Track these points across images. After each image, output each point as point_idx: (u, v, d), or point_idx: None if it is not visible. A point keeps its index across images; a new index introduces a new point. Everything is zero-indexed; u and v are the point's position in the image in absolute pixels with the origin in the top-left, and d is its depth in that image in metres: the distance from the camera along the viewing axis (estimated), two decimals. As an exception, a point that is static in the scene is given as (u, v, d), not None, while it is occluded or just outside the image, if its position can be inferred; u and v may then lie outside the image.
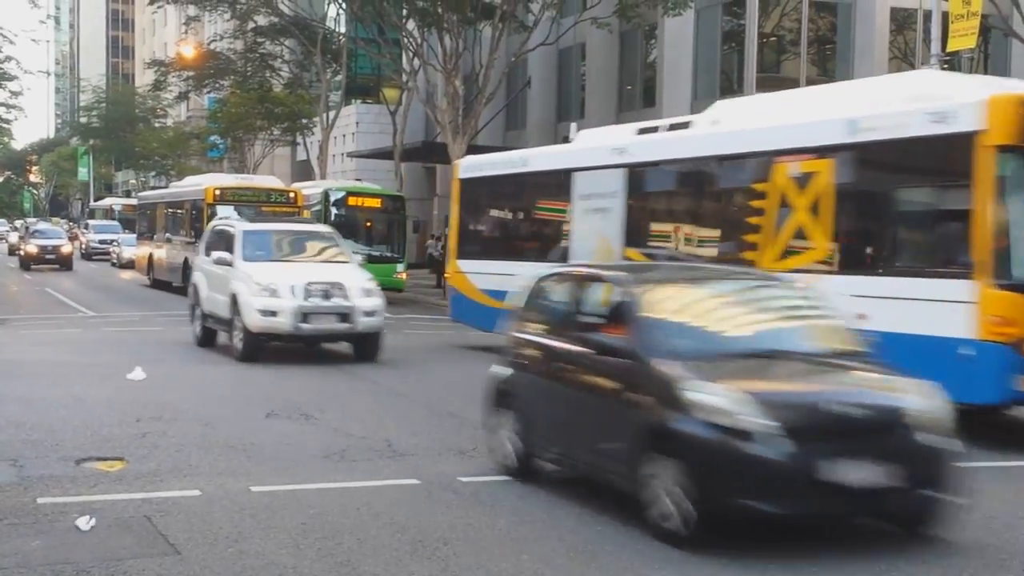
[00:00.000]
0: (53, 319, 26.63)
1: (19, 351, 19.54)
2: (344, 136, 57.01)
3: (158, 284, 36.92)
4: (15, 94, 61.40)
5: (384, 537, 7.84)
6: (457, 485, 9.44)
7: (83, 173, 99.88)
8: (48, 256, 47.11)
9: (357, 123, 57.48)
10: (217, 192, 32.84)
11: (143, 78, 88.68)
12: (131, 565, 7.09)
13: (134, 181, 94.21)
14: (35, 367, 17.10)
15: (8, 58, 58.57)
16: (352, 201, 34.85)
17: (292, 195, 33.82)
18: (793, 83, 35.92)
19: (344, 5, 45.89)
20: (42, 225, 58.31)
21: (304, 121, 53.05)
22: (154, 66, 63.48)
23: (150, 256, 38.57)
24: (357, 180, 43.37)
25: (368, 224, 35.02)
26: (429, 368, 18.52)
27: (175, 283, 34.64)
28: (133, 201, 59.45)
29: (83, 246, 59.63)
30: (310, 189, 35.88)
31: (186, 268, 33.26)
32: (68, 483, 9.22)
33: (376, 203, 35.41)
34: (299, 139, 56.37)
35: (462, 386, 16.19)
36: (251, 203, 32.38)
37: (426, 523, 8.21)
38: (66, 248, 48.14)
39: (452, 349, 22.05)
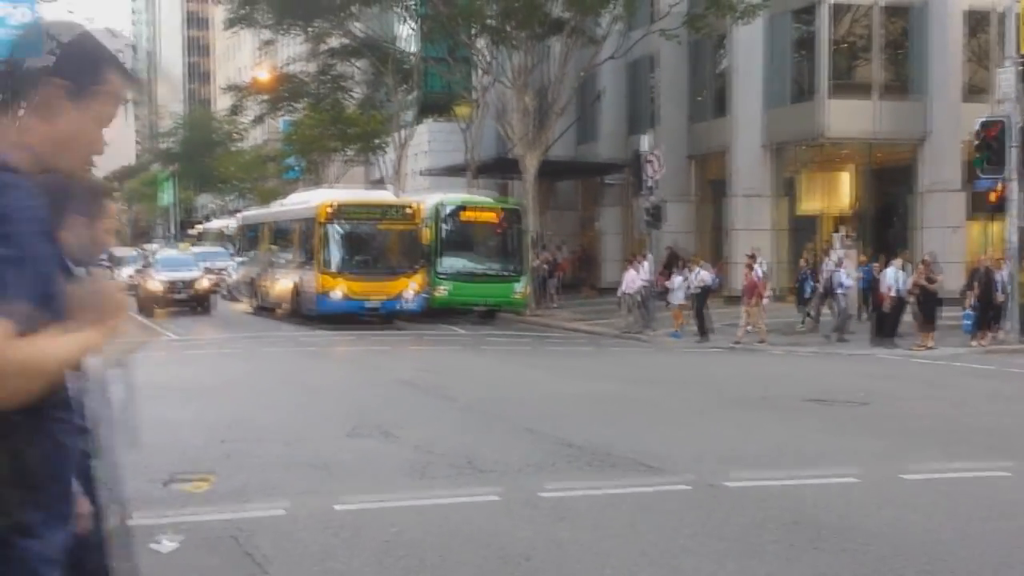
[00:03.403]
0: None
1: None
2: (417, 155, 57.40)
3: (263, 311, 35.58)
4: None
5: (466, 553, 7.86)
6: (537, 500, 9.43)
7: (164, 198, 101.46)
8: (178, 295, 35.15)
9: (429, 141, 57.88)
10: (330, 209, 30.87)
11: (221, 103, 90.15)
12: (219, 584, 7.18)
13: (214, 205, 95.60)
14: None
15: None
16: (466, 215, 33.49)
17: (410, 210, 31.71)
18: (866, 89, 35.50)
19: (415, 25, 46.26)
20: (167, 252, 42.83)
21: (377, 140, 53.45)
22: (231, 90, 64.49)
23: (253, 281, 36.71)
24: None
25: (483, 239, 33.69)
26: (506, 384, 18.56)
27: (281, 309, 33.75)
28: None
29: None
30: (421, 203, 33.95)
31: (297, 295, 32.35)
32: (156, 503, 9.36)
33: (492, 216, 34.00)
34: (373, 158, 56.82)
35: (540, 401, 16.23)
36: (367, 219, 31.19)
37: (508, 538, 8.22)
38: (203, 282, 35.70)
39: (527, 366, 22.09)
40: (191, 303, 35.00)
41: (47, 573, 2.62)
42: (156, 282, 34.82)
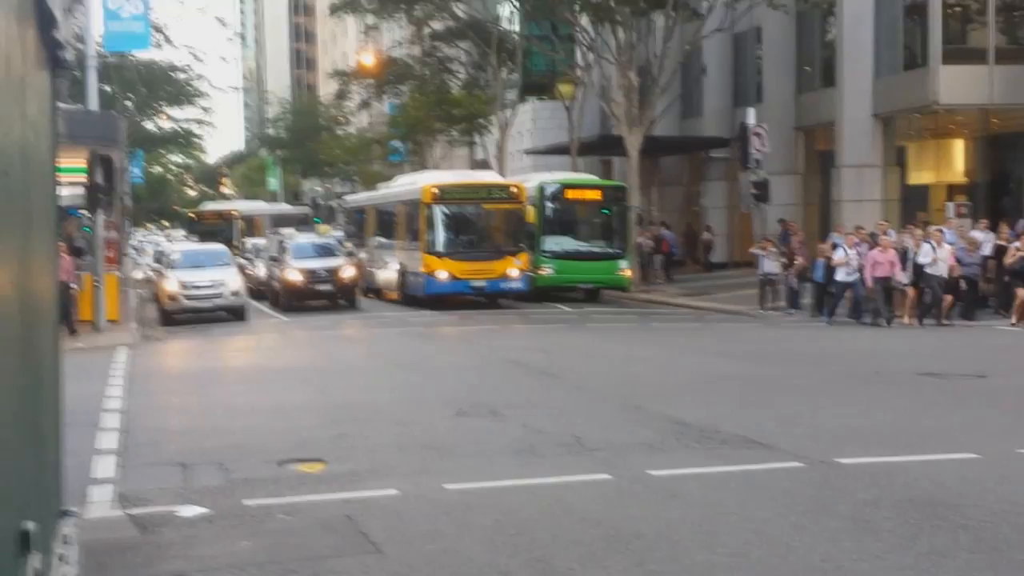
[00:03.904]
0: (251, 326, 27.68)
1: (217, 358, 20.39)
2: (521, 133, 57.45)
3: (371, 292, 35.29)
4: (206, 110, 63.99)
5: (577, 532, 7.89)
6: (647, 479, 9.42)
7: (272, 183, 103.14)
8: (322, 285, 31.58)
9: (533, 120, 57.83)
10: (435, 191, 30.98)
11: (326, 88, 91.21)
12: (335, 564, 7.31)
13: (320, 188, 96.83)
14: (236, 373, 17.82)
15: (199, 76, 61.18)
16: (570, 194, 33.60)
17: (515, 190, 31.67)
18: (980, 54, 34.55)
19: (517, 4, 46.24)
20: (305, 237, 37.00)
21: (481, 121, 53.63)
22: (336, 76, 65.27)
23: (359, 265, 34.90)
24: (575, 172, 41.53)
25: (587, 217, 33.67)
26: (612, 362, 18.54)
27: (388, 294, 33.91)
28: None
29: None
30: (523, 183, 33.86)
31: (403, 277, 32.46)
32: (272, 484, 9.56)
33: (596, 195, 34.19)
34: (476, 139, 57.05)
35: (648, 379, 16.19)
36: (471, 200, 31.43)
37: (618, 517, 8.22)
38: (347, 271, 32.01)
39: (634, 343, 21.99)
40: (334, 295, 31.78)
41: None
42: (294, 271, 31.42)
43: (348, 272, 32.04)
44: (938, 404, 13.54)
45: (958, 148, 38.26)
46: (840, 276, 25.45)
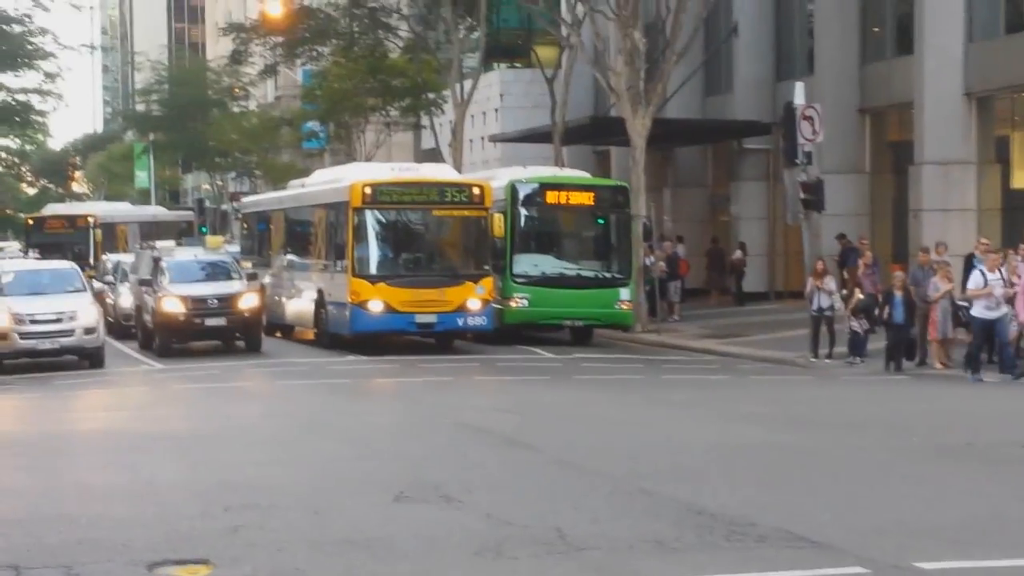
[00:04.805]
0: (109, 374, 27.53)
1: (62, 420, 20.29)
2: (484, 113, 57.66)
3: (276, 329, 35.55)
4: (51, 76, 63.47)
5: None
6: (656, 590, 9.44)
7: (141, 178, 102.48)
8: (212, 320, 31.10)
9: (502, 95, 58.03)
10: (368, 191, 30.76)
11: (216, 49, 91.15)
12: None
13: (208, 186, 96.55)
14: (86, 441, 17.74)
15: (42, 30, 60.76)
16: (551, 197, 33.52)
17: (477, 191, 31.42)
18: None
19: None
20: (190, 252, 36.52)
21: (431, 96, 53.63)
22: (231, 32, 65.14)
23: (262, 292, 34.20)
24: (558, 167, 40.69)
25: (575, 230, 33.98)
26: (608, 429, 18.56)
27: (301, 332, 33.97)
28: None
29: None
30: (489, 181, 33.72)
31: (322, 309, 32.16)
32: (139, 595, 9.50)
33: (587, 198, 34.12)
34: (424, 120, 57.04)
35: (656, 452, 16.20)
36: (418, 204, 31.39)
37: (616, 643, 8.22)
38: (249, 300, 31.56)
39: (639, 403, 22.03)
40: (229, 333, 31.84)
41: None
42: (173, 300, 30.90)
43: (249, 301, 31.57)
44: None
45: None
46: (977, 311, 25.10)
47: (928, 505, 12.56)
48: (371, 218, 30.84)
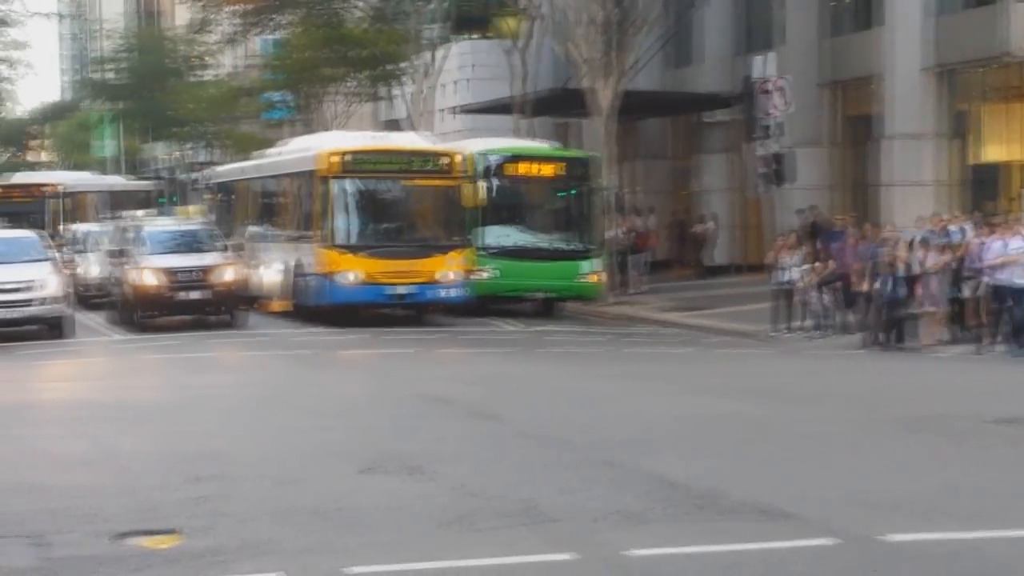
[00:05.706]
0: (76, 345, 27.44)
1: (27, 389, 20.21)
2: (448, 85, 57.41)
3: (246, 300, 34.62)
4: (18, 45, 62.98)
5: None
6: (624, 561, 9.45)
7: (104, 147, 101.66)
8: (191, 292, 30.49)
9: (465, 68, 57.83)
10: (338, 159, 30.68)
11: (177, 17, 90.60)
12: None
13: (171, 156, 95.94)
14: (51, 411, 17.66)
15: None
16: (517, 168, 33.82)
17: (448, 160, 31.42)
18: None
19: None
20: (166, 223, 37.69)
21: (392, 67, 53.41)
22: (193, 1, 64.73)
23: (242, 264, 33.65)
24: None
25: (540, 201, 34.16)
26: (573, 401, 18.59)
27: (271, 303, 33.74)
28: None
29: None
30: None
31: (292, 280, 31.86)
32: (106, 566, 9.46)
33: (553, 170, 34.34)
34: (385, 92, 56.83)
35: (623, 424, 16.24)
36: (390, 173, 31.28)
37: (586, 614, 8.23)
38: (227, 273, 31.02)
39: (604, 375, 22.06)
40: (207, 306, 31.35)
41: None
42: (152, 272, 30.42)
43: (228, 274, 31.01)
44: (1016, 462, 13.71)
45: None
46: (1006, 278, 24.38)
47: (893, 477, 12.61)
48: (339, 187, 30.64)
